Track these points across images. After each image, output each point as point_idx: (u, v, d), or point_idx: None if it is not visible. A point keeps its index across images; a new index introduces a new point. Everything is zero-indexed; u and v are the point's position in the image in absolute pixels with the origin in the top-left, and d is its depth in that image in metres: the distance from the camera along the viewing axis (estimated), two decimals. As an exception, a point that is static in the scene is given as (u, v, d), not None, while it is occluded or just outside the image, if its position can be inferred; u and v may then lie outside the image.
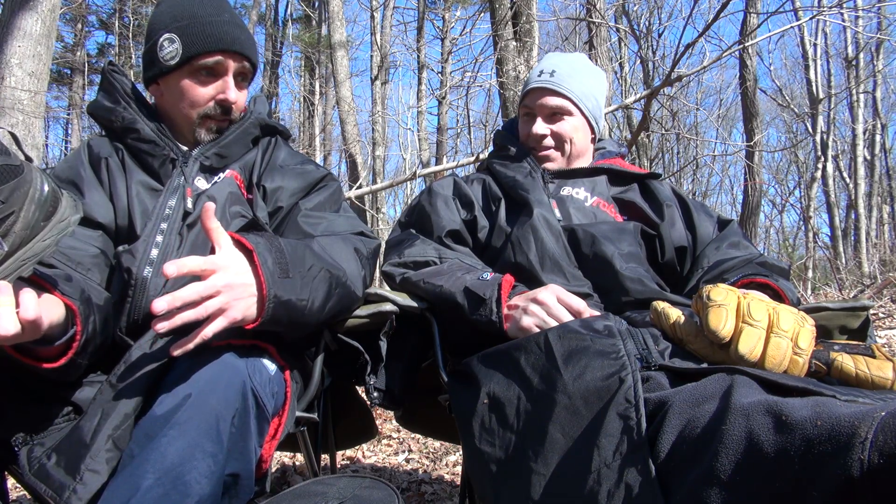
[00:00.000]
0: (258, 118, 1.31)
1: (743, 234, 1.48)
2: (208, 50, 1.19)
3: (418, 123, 13.63)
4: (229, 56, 1.21)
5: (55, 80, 14.24)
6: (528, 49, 4.76)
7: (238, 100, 1.25)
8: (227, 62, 1.21)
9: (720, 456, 0.69)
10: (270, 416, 0.94)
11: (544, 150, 1.50)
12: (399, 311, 1.25)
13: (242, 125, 1.29)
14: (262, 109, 1.34)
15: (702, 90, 16.30)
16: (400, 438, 2.77)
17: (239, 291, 0.88)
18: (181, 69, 1.21)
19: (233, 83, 1.23)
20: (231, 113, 1.25)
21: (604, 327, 1.00)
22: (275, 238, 0.99)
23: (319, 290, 1.01)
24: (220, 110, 1.24)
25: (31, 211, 0.76)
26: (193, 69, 1.20)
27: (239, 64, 1.23)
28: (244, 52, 1.23)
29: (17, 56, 3.68)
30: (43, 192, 0.77)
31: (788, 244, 17.24)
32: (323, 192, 1.29)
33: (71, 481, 0.82)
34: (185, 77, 1.21)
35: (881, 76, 14.37)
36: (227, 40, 1.20)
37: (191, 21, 1.19)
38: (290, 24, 15.89)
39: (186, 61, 1.19)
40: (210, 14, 1.21)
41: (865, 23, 11.41)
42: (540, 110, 1.49)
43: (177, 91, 1.22)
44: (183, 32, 1.19)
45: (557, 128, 1.48)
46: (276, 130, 1.37)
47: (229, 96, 1.23)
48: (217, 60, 1.20)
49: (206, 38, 1.19)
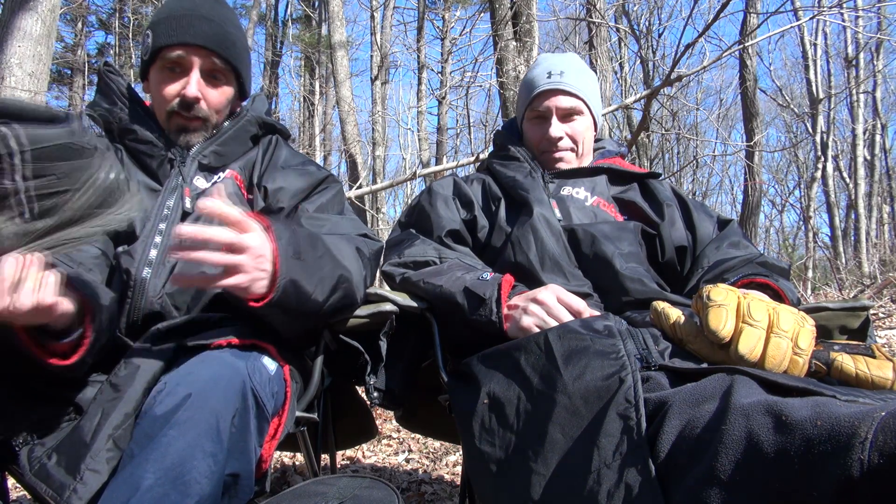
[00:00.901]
0: (255, 116, 1.31)
1: (743, 233, 1.48)
2: (170, 43, 1.18)
3: (418, 123, 13.63)
4: (192, 50, 1.19)
5: (55, 81, 14.24)
6: (528, 49, 4.76)
7: (207, 97, 1.22)
8: (190, 57, 1.19)
9: (720, 456, 0.69)
10: (270, 416, 0.94)
11: (560, 152, 1.49)
12: (399, 311, 1.25)
13: (238, 122, 1.28)
14: (260, 108, 1.34)
15: (702, 90, 16.34)
16: (400, 438, 2.77)
17: (261, 261, 0.89)
18: (154, 64, 1.22)
19: (196, 79, 1.20)
20: (194, 110, 1.22)
21: (604, 327, 1.00)
22: (289, 220, 0.99)
23: (326, 281, 1.02)
24: (182, 106, 1.21)
25: (88, 195, 0.76)
26: (162, 64, 1.21)
27: (205, 59, 1.20)
28: (210, 47, 1.20)
29: (17, 56, 3.68)
30: (106, 179, 0.78)
31: (788, 244, 17.24)
32: (325, 193, 1.29)
33: (71, 481, 0.82)
34: (157, 72, 1.22)
35: (881, 76, 14.37)
36: (191, 33, 1.18)
37: (166, 16, 1.20)
38: (290, 24, 15.89)
39: (155, 55, 1.20)
40: (185, 9, 1.20)
41: (865, 23, 11.41)
42: (555, 112, 1.48)
43: (153, 86, 1.24)
44: (156, 27, 1.20)
45: (571, 128, 1.48)
46: (276, 129, 1.36)
47: (187, 91, 1.19)
48: (178, 55, 1.18)
49: (171, 31, 1.18)
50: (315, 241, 1.02)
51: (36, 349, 0.85)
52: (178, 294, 1.12)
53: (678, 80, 4.56)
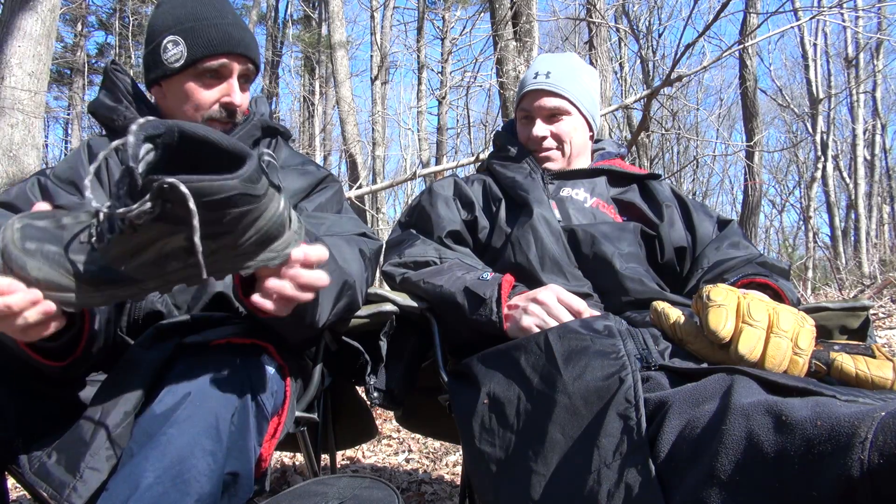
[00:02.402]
0: (261, 120, 1.31)
1: (743, 234, 1.48)
2: (214, 53, 1.18)
3: (418, 123, 13.63)
4: (234, 58, 1.20)
5: (55, 80, 14.24)
6: (528, 49, 4.76)
7: (242, 103, 1.25)
8: (231, 65, 1.20)
9: (720, 456, 0.69)
10: (270, 416, 0.93)
11: (545, 152, 1.50)
12: (399, 311, 1.25)
13: (245, 127, 1.28)
14: (264, 111, 1.34)
15: (702, 90, 16.34)
16: (400, 438, 2.77)
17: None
18: (185, 72, 1.20)
19: (237, 86, 1.22)
20: (235, 116, 1.25)
21: (604, 327, 1.00)
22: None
23: (332, 290, 1.01)
24: (226, 113, 1.23)
25: (249, 237, 0.74)
26: (198, 72, 1.19)
27: (243, 66, 1.22)
28: (248, 55, 1.22)
29: (17, 56, 3.68)
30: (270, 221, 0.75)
31: (788, 244, 17.23)
32: (324, 192, 1.29)
33: (71, 479, 0.82)
34: (190, 80, 1.20)
35: (881, 76, 14.37)
36: (233, 42, 1.19)
37: (196, 23, 1.18)
38: (290, 24, 15.89)
39: (191, 64, 1.18)
40: (214, 16, 1.20)
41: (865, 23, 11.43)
42: (538, 112, 1.49)
43: (180, 94, 1.22)
44: (187, 35, 1.18)
45: (556, 128, 1.48)
46: (278, 132, 1.36)
47: (234, 100, 1.22)
48: (222, 63, 1.19)
49: (212, 40, 1.18)
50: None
51: (29, 350, 0.85)
52: (178, 293, 1.12)
53: (678, 80, 4.56)
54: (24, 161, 3.70)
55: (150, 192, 0.66)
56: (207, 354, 0.88)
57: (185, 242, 0.70)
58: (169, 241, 0.71)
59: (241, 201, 0.70)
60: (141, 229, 0.70)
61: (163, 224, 0.69)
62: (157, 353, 0.91)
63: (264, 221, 0.74)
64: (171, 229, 0.69)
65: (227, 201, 0.69)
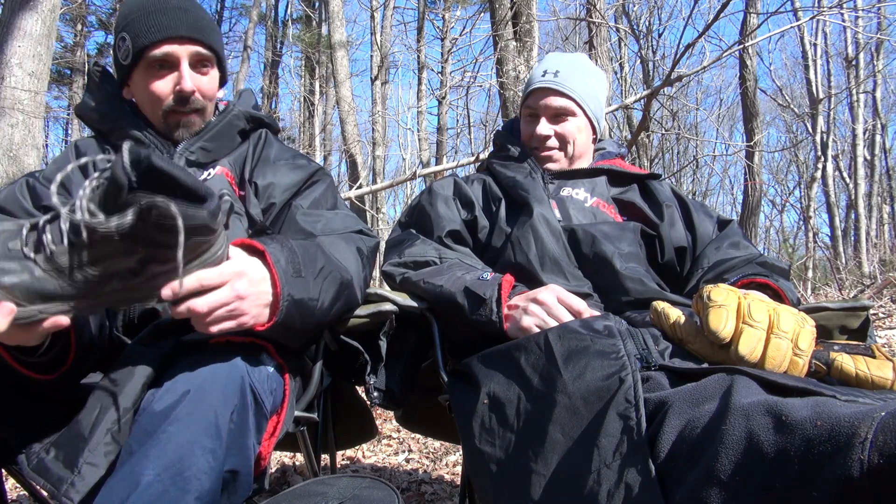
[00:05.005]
0: (243, 111, 1.29)
1: (743, 234, 1.48)
2: (154, 40, 1.15)
3: (418, 123, 13.63)
4: (177, 42, 1.16)
5: (55, 80, 14.23)
6: (528, 49, 4.76)
7: (200, 87, 1.20)
8: (176, 50, 1.16)
9: (720, 456, 0.69)
10: (269, 414, 0.93)
11: (547, 151, 1.49)
12: (399, 310, 1.25)
13: (226, 117, 1.27)
14: (248, 102, 1.33)
15: (702, 90, 16.35)
16: (400, 438, 2.77)
17: (252, 300, 0.87)
18: (137, 66, 1.18)
19: (187, 71, 1.18)
20: (191, 103, 1.20)
21: (604, 327, 1.00)
22: (286, 239, 0.98)
23: (329, 291, 1.01)
24: (179, 101, 1.19)
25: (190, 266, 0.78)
26: (147, 64, 1.17)
27: (192, 49, 1.18)
28: (194, 36, 1.17)
29: (17, 56, 3.68)
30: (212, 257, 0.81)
31: (788, 244, 17.22)
32: (317, 187, 1.27)
33: (69, 475, 0.82)
34: (142, 73, 1.18)
35: (881, 76, 14.36)
36: (173, 26, 1.15)
37: (137, 14, 1.16)
38: (290, 24, 15.88)
39: (138, 57, 1.16)
40: (155, 4, 1.16)
41: (865, 23, 11.40)
42: (544, 111, 1.48)
43: (140, 90, 1.20)
44: (131, 28, 1.16)
45: (561, 128, 1.48)
46: (264, 123, 1.35)
47: (184, 86, 1.17)
48: (165, 50, 1.15)
49: (150, 28, 1.14)
50: (314, 252, 1.01)
51: (18, 366, 0.85)
52: None
53: (678, 80, 4.56)
54: (24, 161, 3.70)
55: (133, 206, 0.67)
56: (206, 352, 0.88)
57: (135, 264, 0.72)
58: (120, 260, 0.72)
59: (202, 232, 0.74)
60: (99, 244, 0.70)
61: (126, 243, 0.70)
62: (156, 351, 0.91)
63: (209, 255, 0.79)
64: (128, 249, 0.71)
65: (193, 230, 0.72)
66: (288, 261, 0.93)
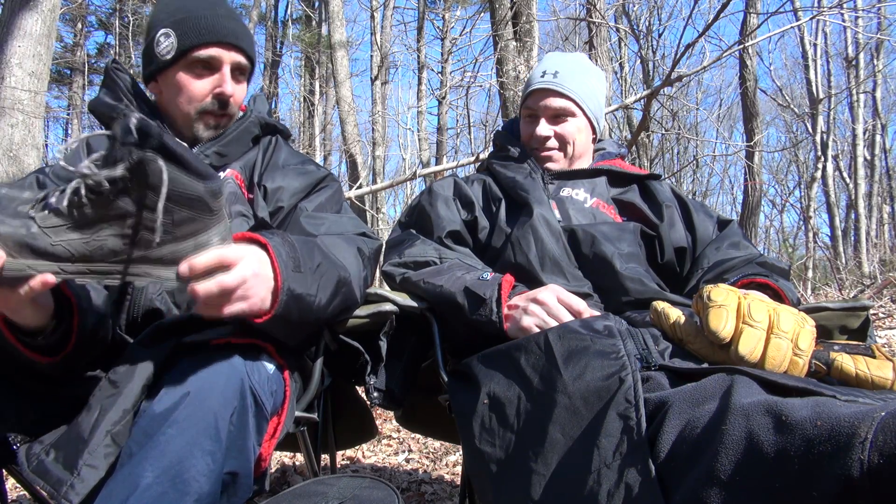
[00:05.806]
0: (259, 117, 1.32)
1: (743, 234, 1.48)
2: (203, 42, 1.19)
3: (418, 123, 13.63)
4: (224, 48, 1.21)
5: (55, 80, 14.24)
6: (528, 49, 4.76)
7: (235, 94, 1.25)
8: (222, 55, 1.21)
9: (720, 456, 0.69)
10: (269, 415, 0.93)
11: (547, 151, 1.49)
12: (399, 310, 1.25)
13: (243, 124, 1.29)
14: (262, 108, 1.34)
15: (702, 90, 16.32)
16: (400, 438, 2.77)
17: (263, 280, 0.88)
18: (177, 63, 1.21)
19: (229, 76, 1.23)
20: (228, 108, 1.25)
21: (604, 327, 1.00)
22: (286, 234, 0.99)
23: (327, 288, 1.01)
24: (218, 105, 1.23)
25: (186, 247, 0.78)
26: (189, 63, 1.20)
27: (235, 57, 1.23)
28: (239, 45, 1.23)
29: (17, 56, 3.68)
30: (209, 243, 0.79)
31: (788, 244, 17.22)
32: (324, 192, 1.29)
33: (69, 476, 0.82)
34: (182, 71, 1.21)
35: (881, 76, 14.36)
36: (222, 32, 1.20)
37: (186, 15, 1.20)
38: (290, 24, 15.89)
39: (182, 55, 1.19)
40: (205, 8, 1.21)
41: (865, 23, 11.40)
42: (544, 112, 1.48)
43: (174, 86, 1.22)
44: (178, 26, 1.19)
45: (561, 129, 1.48)
46: (277, 129, 1.37)
47: (226, 89, 1.22)
48: (211, 53, 1.20)
49: (201, 30, 1.19)
50: (312, 247, 1.01)
51: (21, 346, 0.85)
52: (178, 292, 1.12)
53: (678, 80, 4.56)
54: (24, 161, 3.70)
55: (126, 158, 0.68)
56: (207, 354, 0.88)
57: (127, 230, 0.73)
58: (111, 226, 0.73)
59: (197, 206, 0.74)
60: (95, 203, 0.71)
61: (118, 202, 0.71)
62: (156, 352, 0.91)
63: (205, 237, 0.78)
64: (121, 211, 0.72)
65: (187, 200, 0.73)
66: (289, 255, 0.93)
